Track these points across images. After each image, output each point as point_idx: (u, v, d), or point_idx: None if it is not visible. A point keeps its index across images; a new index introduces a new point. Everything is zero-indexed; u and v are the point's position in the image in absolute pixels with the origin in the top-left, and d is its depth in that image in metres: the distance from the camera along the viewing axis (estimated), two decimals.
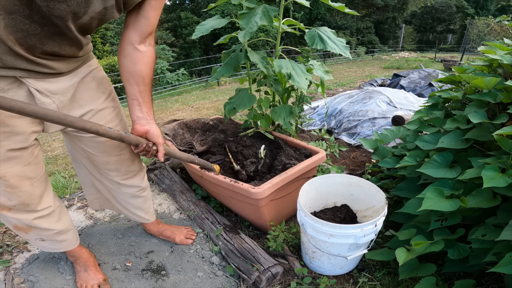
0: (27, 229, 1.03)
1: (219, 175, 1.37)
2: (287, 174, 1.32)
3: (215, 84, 9.71)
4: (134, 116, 0.98)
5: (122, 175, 1.18)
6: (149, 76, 0.96)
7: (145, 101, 0.98)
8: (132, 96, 0.96)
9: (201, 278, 1.28)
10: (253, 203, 1.31)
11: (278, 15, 1.48)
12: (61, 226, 1.10)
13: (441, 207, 1.00)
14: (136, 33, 0.90)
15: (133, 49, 0.91)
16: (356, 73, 8.73)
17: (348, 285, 1.23)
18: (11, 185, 0.88)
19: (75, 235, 1.22)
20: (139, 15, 0.88)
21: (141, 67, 0.93)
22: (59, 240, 1.13)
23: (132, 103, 0.97)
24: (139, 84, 0.95)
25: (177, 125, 1.92)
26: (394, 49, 22.23)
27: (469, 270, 1.10)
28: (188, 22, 16.46)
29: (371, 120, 2.68)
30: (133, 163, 1.19)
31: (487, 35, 10.69)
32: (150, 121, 1.00)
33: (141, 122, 0.99)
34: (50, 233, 1.08)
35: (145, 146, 0.99)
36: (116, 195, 1.27)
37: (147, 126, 0.99)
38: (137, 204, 1.30)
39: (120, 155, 1.12)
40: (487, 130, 1.16)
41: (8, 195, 0.90)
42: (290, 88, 1.74)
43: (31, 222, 1.00)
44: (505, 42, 1.57)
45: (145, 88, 0.97)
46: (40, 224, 1.02)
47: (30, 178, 0.93)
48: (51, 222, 1.06)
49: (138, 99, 0.97)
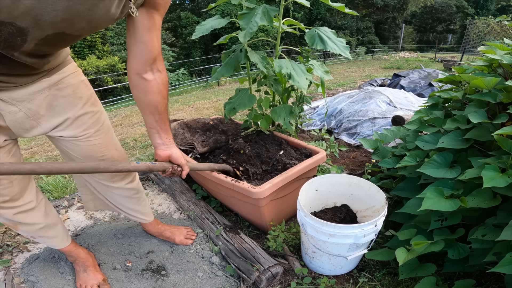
0: (15, 225, 1.03)
1: (220, 174, 1.37)
2: (287, 174, 1.33)
3: (215, 84, 9.71)
4: (155, 143, 1.02)
5: (109, 178, 1.18)
6: (163, 104, 0.96)
7: (163, 128, 1.00)
8: (149, 125, 0.99)
9: (201, 278, 1.28)
10: (254, 203, 1.31)
11: (278, 15, 1.48)
12: (47, 221, 1.10)
13: (441, 207, 1.00)
14: (138, 62, 0.86)
15: (139, 79, 0.89)
16: (356, 73, 8.73)
17: (348, 285, 1.23)
18: None
19: (65, 231, 1.21)
20: (136, 41, 0.83)
21: (152, 97, 0.92)
22: (50, 236, 1.13)
23: (151, 132, 1.00)
24: (153, 114, 0.95)
25: (177, 125, 1.92)
26: (394, 49, 22.23)
27: (469, 270, 1.10)
28: (188, 22, 16.46)
29: (371, 120, 2.68)
30: None
31: (487, 35, 10.69)
32: (171, 145, 1.03)
33: (162, 148, 1.02)
34: (36, 228, 1.07)
35: (172, 169, 1.03)
36: (108, 196, 1.27)
37: (168, 151, 1.02)
38: (131, 206, 1.30)
39: (102, 160, 1.09)
40: (487, 130, 1.16)
41: None
42: (290, 88, 1.74)
43: (12, 217, 0.99)
44: (505, 42, 1.57)
45: (161, 116, 0.97)
46: (23, 219, 1.02)
47: (9, 177, 0.92)
48: (35, 217, 1.05)
49: (156, 128, 0.99)
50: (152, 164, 0.96)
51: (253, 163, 1.54)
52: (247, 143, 1.66)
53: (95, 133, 1.04)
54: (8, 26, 0.61)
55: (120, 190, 1.23)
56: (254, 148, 1.61)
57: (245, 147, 1.61)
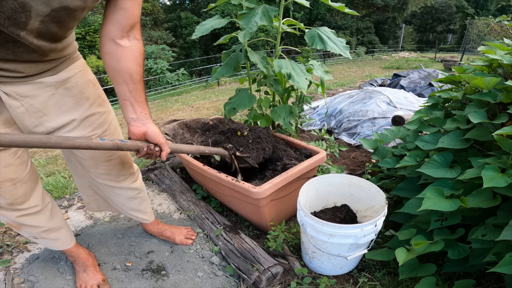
0: (18, 226, 1.02)
1: (221, 173, 1.37)
2: (287, 174, 1.33)
3: (215, 84, 9.71)
4: (128, 118, 0.90)
5: (114, 178, 1.17)
6: (138, 72, 0.87)
7: (138, 100, 0.89)
8: (122, 96, 0.88)
9: (201, 278, 1.28)
10: (254, 203, 1.31)
11: (278, 15, 1.48)
12: (51, 224, 1.09)
13: (441, 207, 1.00)
14: (115, 27, 0.81)
15: (114, 44, 0.83)
16: (356, 73, 8.73)
17: (348, 285, 1.23)
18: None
19: (69, 235, 1.21)
20: (116, 7, 0.80)
21: (126, 64, 0.85)
22: (52, 238, 1.12)
23: (124, 104, 0.89)
24: (127, 83, 0.86)
25: (177, 125, 1.92)
26: (394, 49, 22.23)
27: (469, 270, 1.09)
28: (188, 22, 16.45)
29: (371, 120, 2.68)
30: (124, 167, 1.17)
31: (487, 35, 10.69)
32: (146, 121, 0.91)
33: (136, 124, 0.90)
34: (39, 231, 1.07)
35: (146, 149, 0.91)
36: (111, 197, 1.26)
37: (143, 127, 0.91)
38: (133, 206, 1.29)
39: (109, 160, 1.09)
40: (487, 130, 1.16)
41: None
42: (290, 88, 1.74)
43: (16, 219, 0.99)
44: (505, 42, 1.57)
45: (135, 86, 0.88)
46: (27, 221, 1.01)
47: (12, 179, 0.91)
48: (39, 220, 1.05)
49: (130, 99, 0.88)
50: (121, 142, 0.85)
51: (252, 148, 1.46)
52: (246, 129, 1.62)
53: (103, 133, 1.03)
54: (10, 1, 0.61)
55: (124, 191, 1.22)
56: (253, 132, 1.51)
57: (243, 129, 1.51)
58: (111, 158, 1.09)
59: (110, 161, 1.10)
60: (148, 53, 11.87)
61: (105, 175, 1.14)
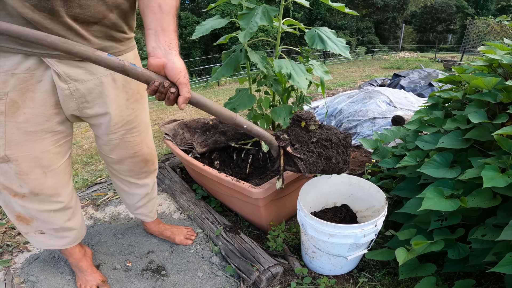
0: (30, 220, 1.00)
1: (221, 173, 1.37)
2: (287, 174, 1.32)
3: (215, 84, 9.71)
4: (149, 49, 0.75)
5: (135, 175, 1.19)
6: (168, 4, 0.77)
7: (164, 28, 0.75)
8: (147, 27, 0.76)
9: (201, 278, 1.28)
10: (254, 203, 1.31)
11: (278, 15, 1.48)
12: (68, 224, 1.08)
13: (441, 207, 1.00)
14: None
15: None
16: (356, 73, 8.73)
17: (348, 285, 1.23)
18: (21, 170, 0.86)
19: (78, 236, 1.18)
20: None
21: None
22: (60, 236, 1.10)
23: (148, 34, 0.75)
24: (155, 13, 0.75)
25: (177, 125, 1.92)
26: (394, 49, 22.23)
27: (469, 270, 1.09)
28: (188, 22, 16.46)
29: (371, 120, 2.68)
30: (147, 165, 1.19)
31: (487, 35, 10.69)
32: (170, 51, 0.74)
33: (156, 53, 0.73)
34: (51, 227, 1.05)
35: (158, 85, 0.71)
36: (125, 196, 1.29)
37: (163, 59, 0.73)
38: (143, 203, 1.32)
39: (134, 157, 1.11)
40: (487, 130, 1.16)
41: (19, 182, 0.89)
42: (290, 88, 1.74)
43: (37, 214, 0.97)
44: (505, 42, 1.57)
45: (163, 16, 0.76)
46: (47, 217, 1.00)
47: (44, 167, 0.90)
48: (57, 218, 1.03)
49: (155, 28, 0.75)
50: (130, 66, 0.68)
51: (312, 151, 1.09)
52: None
53: (131, 130, 1.05)
54: None
55: (141, 188, 1.25)
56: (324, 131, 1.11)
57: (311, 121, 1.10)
58: (136, 155, 1.11)
59: (134, 158, 1.12)
60: None
61: (128, 171, 1.16)
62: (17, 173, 0.87)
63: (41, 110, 0.84)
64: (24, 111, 0.81)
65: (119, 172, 1.18)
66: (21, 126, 0.82)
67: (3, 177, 0.88)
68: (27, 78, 0.78)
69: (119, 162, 1.12)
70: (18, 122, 0.82)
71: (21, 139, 0.84)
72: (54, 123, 0.88)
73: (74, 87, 0.84)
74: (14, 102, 0.79)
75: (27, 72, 0.78)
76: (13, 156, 0.84)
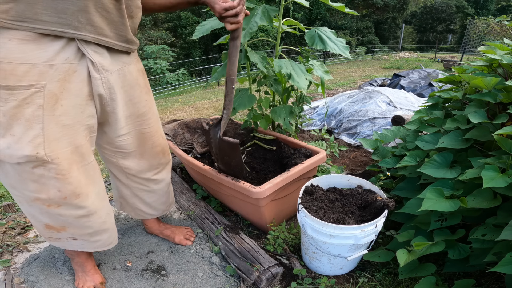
0: (61, 228, 0.97)
1: (222, 173, 1.37)
2: (287, 174, 1.32)
3: (215, 84, 9.71)
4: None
5: (154, 169, 1.20)
6: None
7: None
8: None
9: (201, 278, 1.28)
10: (254, 203, 1.31)
11: (278, 15, 1.48)
12: (102, 226, 1.06)
13: (441, 207, 1.00)
14: None
15: None
16: (356, 73, 8.73)
17: (348, 285, 1.23)
18: (62, 169, 0.83)
19: (111, 237, 1.16)
20: None
21: None
22: (92, 240, 1.08)
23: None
24: None
25: (177, 125, 1.92)
26: (394, 49, 22.23)
27: (469, 270, 1.10)
28: (188, 22, 16.44)
29: (371, 120, 2.68)
30: (164, 155, 1.22)
31: (487, 35, 10.69)
32: None
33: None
34: (85, 232, 1.02)
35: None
36: (144, 197, 1.27)
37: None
38: (164, 200, 1.35)
39: (152, 147, 1.14)
40: (487, 130, 1.16)
41: (58, 185, 0.84)
42: (290, 88, 1.74)
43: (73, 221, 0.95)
44: (505, 42, 1.57)
45: None
46: (84, 222, 0.97)
47: (81, 162, 0.89)
48: (94, 222, 1.01)
49: None
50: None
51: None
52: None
53: (148, 120, 1.08)
54: None
55: (159, 184, 1.26)
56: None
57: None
58: (154, 146, 1.14)
59: (153, 148, 1.14)
60: (148, 53, 11.86)
61: (147, 166, 1.17)
62: (58, 173, 0.83)
63: (77, 101, 0.84)
64: (61, 103, 0.80)
65: (138, 172, 1.16)
66: (60, 120, 0.81)
67: (37, 185, 0.83)
68: (66, 68, 0.79)
69: (139, 158, 1.13)
70: (56, 115, 0.80)
71: (60, 133, 0.81)
72: (86, 116, 0.88)
73: (105, 77, 0.88)
74: (53, 94, 0.78)
75: (66, 62, 0.78)
76: (53, 154, 0.81)
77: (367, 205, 1.22)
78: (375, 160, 1.79)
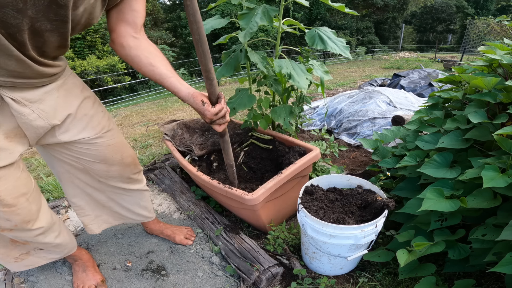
0: (25, 242, 1.01)
1: (214, 180, 1.35)
2: (280, 176, 1.30)
3: None
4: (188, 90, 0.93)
5: (126, 179, 1.16)
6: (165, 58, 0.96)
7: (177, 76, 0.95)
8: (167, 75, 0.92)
9: (201, 278, 1.28)
10: (249, 208, 1.30)
11: (278, 15, 1.48)
12: (60, 240, 1.08)
13: (441, 207, 1.00)
14: (130, 26, 0.88)
15: (134, 38, 0.90)
16: (356, 73, 8.73)
17: (348, 285, 1.22)
18: (8, 204, 0.84)
19: (73, 243, 1.19)
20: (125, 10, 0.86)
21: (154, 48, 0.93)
22: (58, 251, 1.12)
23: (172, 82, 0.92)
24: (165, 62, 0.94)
25: (176, 125, 1.92)
26: (394, 49, 22.23)
27: (469, 270, 1.09)
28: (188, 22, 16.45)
29: (371, 120, 2.68)
30: (136, 167, 1.18)
31: (487, 35, 10.69)
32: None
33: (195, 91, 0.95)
34: (49, 246, 1.07)
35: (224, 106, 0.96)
36: (120, 200, 1.24)
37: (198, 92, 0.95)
38: (143, 204, 1.31)
39: (122, 159, 1.09)
40: (487, 130, 1.16)
41: (6, 216, 0.86)
42: (290, 88, 1.74)
43: (33, 239, 0.97)
44: (505, 42, 1.57)
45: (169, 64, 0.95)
46: (42, 239, 1.00)
47: (25, 194, 0.89)
48: (52, 237, 1.04)
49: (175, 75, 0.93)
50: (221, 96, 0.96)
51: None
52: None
53: (111, 131, 1.05)
54: None
55: (134, 193, 1.24)
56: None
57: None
58: (123, 157, 1.09)
59: (122, 160, 1.10)
60: None
61: (118, 177, 1.13)
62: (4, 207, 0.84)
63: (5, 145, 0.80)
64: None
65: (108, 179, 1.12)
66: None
67: None
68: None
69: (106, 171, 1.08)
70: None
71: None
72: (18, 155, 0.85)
73: (37, 108, 0.82)
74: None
75: None
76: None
77: (367, 205, 1.22)
78: (375, 160, 1.79)
